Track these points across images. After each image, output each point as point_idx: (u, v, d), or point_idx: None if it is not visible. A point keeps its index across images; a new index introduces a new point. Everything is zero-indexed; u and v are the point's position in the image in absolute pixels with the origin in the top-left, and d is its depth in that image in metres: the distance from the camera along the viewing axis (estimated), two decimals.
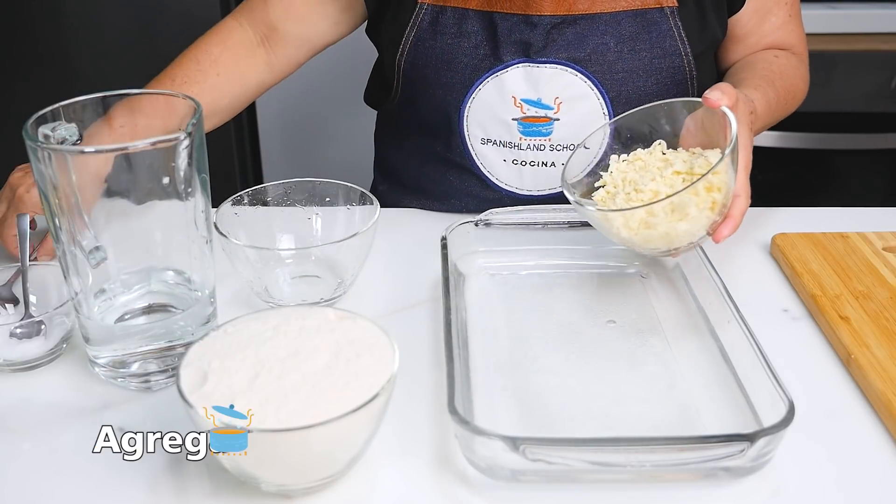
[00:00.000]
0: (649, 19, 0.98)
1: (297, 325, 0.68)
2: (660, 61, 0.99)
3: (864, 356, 0.76)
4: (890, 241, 0.94)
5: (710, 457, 0.63)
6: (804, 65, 1.12)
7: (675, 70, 1.00)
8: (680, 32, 0.99)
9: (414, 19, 1.01)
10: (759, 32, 1.09)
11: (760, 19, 1.08)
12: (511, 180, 1.03)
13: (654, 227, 0.77)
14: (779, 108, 1.02)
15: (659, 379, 0.76)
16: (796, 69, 1.08)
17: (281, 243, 0.91)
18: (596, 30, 0.98)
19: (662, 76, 0.99)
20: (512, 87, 0.98)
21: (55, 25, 1.88)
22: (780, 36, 1.09)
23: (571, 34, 0.98)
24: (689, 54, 1.00)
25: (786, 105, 1.04)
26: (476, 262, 0.91)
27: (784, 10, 1.09)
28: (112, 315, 0.76)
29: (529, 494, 0.65)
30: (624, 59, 0.98)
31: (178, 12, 1.86)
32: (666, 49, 0.99)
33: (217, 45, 1.09)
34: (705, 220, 0.78)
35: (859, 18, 1.79)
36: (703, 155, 0.82)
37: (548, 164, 1.01)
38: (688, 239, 0.79)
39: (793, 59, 1.09)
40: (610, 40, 0.98)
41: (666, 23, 0.98)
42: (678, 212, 0.77)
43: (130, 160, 0.68)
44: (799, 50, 1.12)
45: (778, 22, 1.09)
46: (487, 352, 0.79)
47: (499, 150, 1.01)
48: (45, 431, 0.71)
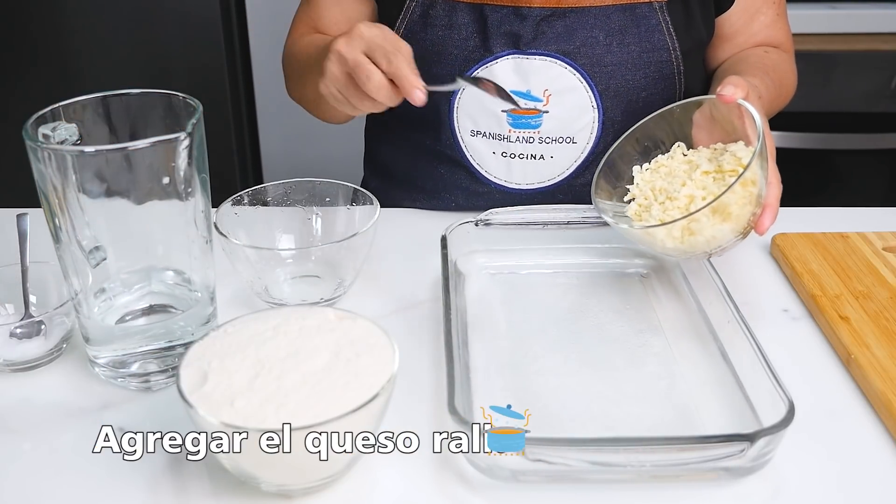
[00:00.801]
0: (638, 14, 0.99)
1: (297, 325, 0.68)
2: (648, 55, 0.99)
3: (864, 356, 0.76)
4: (890, 241, 0.94)
5: (710, 457, 0.63)
6: (792, 62, 1.13)
7: (663, 65, 1.00)
8: (668, 27, 0.99)
9: (405, 12, 1.02)
10: (748, 31, 1.09)
11: (749, 18, 1.09)
12: (500, 173, 1.03)
13: (699, 233, 0.77)
14: (776, 98, 1.03)
15: (659, 379, 0.76)
16: (787, 64, 1.10)
17: (281, 243, 0.91)
18: (585, 23, 0.98)
19: (650, 70, 1.00)
20: (502, 78, 0.98)
21: (55, 25, 1.88)
22: (769, 34, 1.10)
23: (561, 27, 0.98)
24: (676, 49, 1.00)
25: (779, 97, 1.05)
26: (476, 261, 0.91)
27: (772, 10, 1.10)
28: (112, 315, 0.76)
29: (529, 494, 0.65)
30: (612, 52, 0.98)
31: (178, 12, 1.86)
32: (654, 43, 0.99)
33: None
34: (748, 214, 0.77)
35: (859, 18, 1.79)
36: (728, 150, 0.82)
37: (536, 156, 1.01)
38: (731, 236, 0.78)
39: (783, 56, 1.10)
40: (599, 33, 0.98)
41: (655, 17, 0.99)
42: (720, 213, 0.76)
43: (130, 160, 0.68)
44: (787, 48, 1.13)
45: (766, 21, 1.09)
46: (487, 352, 0.79)
47: (488, 142, 1.02)
48: (45, 431, 0.71)
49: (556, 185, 1.03)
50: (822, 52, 1.77)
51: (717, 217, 0.76)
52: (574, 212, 0.91)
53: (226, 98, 1.95)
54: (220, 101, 1.94)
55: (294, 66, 1.10)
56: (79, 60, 1.91)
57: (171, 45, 1.90)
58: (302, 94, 1.10)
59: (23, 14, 1.87)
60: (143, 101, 0.76)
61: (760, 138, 0.76)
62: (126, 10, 1.86)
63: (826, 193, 1.93)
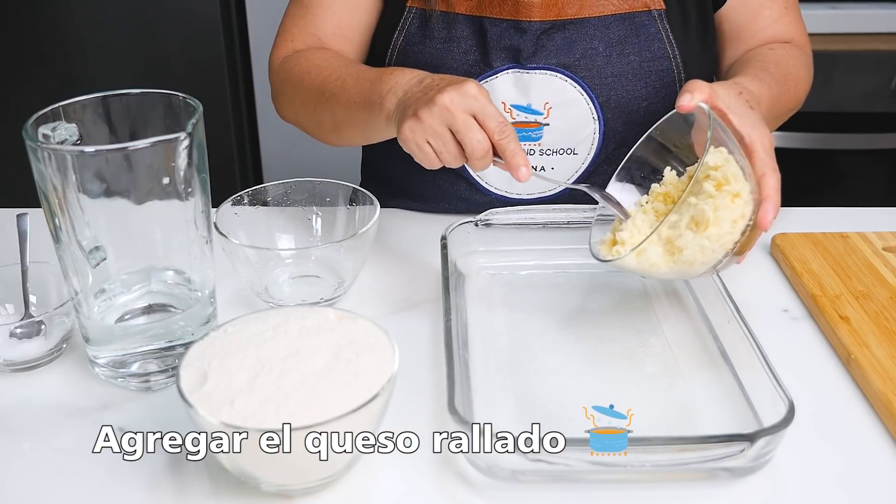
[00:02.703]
0: (637, 23, 0.98)
1: (297, 325, 0.68)
2: (648, 65, 0.98)
3: (864, 356, 0.76)
4: (890, 241, 0.94)
5: (710, 457, 0.63)
6: (806, 55, 1.08)
7: (664, 73, 0.99)
8: (668, 35, 0.99)
9: (402, 23, 1.01)
10: (753, 27, 1.07)
11: (752, 14, 1.06)
12: (501, 184, 1.03)
13: (687, 247, 0.74)
14: (780, 89, 0.98)
15: (659, 379, 0.76)
16: (796, 58, 1.05)
17: (281, 243, 0.91)
18: (584, 34, 0.98)
19: (651, 79, 0.99)
20: (502, 92, 0.98)
21: (55, 25, 1.88)
22: (778, 30, 1.08)
23: (560, 39, 0.97)
24: (677, 57, 0.99)
25: (786, 91, 1.00)
26: (476, 262, 0.91)
27: (779, 3, 1.07)
28: (112, 315, 0.76)
29: (529, 494, 0.65)
30: (612, 63, 0.98)
31: (178, 12, 1.86)
32: (654, 52, 0.98)
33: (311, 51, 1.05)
34: (735, 214, 0.74)
35: (859, 18, 1.80)
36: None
37: (537, 168, 1.00)
38: (730, 238, 0.74)
39: (792, 50, 1.06)
40: (598, 45, 0.97)
41: (654, 26, 0.98)
42: (700, 223, 0.74)
43: (130, 160, 0.68)
44: (800, 42, 1.09)
45: (773, 15, 1.07)
46: (487, 352, 0.79)
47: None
48: (45, 431, 0.71)
49: (556, 194, 1.02)
50: (822, 52, 1.77)
51: (699, 227, 0.74)
52: (574, 212, 0.91)
53: (226, 98, 1.95)
54: (220, 101, 1.94)
55: (304, 87, 1.01)
56: (79, 60, 1.91)
57: (171, 45, 1.90)
58: (311, 118, 1.03)
59: (23, 14, 1.87)
60: (143, 101, 0.76)
61: (711, 127, 0.74)
62: (126, 10, 1.86)
63: (826, 193, 1.93)
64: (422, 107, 0.80)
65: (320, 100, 0.98)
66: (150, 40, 1.89)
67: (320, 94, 0.98)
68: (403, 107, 0.84)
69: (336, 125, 0.99)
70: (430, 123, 0.80)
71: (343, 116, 0.95)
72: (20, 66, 1.92)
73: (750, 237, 0.76)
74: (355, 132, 0.97)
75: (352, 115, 0.94)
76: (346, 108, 0.94)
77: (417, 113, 0.80)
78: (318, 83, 0.98)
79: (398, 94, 0.86)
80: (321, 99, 0.98)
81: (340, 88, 0.95)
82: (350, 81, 0.94)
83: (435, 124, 0.80)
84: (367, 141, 1.00)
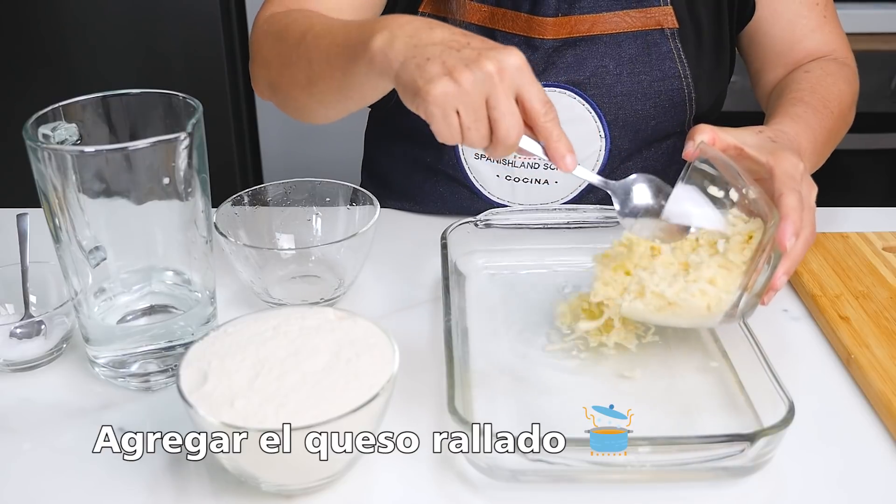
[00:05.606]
0: (650, 41, 0.97)
1: (297, 325, 0.68)
2: (659, 84, 0.98)
3: (864, 356, 0.76)
4: (890, 241, 0.94)
5: (710, 457, 0.63)
6: (847, 67, 1.03)
7: (674, 93, 0.98)
8: (680, 54, 0.98)
9: None
10: (790, 39, 1.03)
11: (788, 24, 1.02)
12: (503, 194, 1.02)
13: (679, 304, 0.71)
14: (818, 117, 0.92)
15: (659, 379, 0.76)
16: (834, 75, 0.99)
17: (281, 243, 0.91)
18: (596, 52, 0.97)
19: (661, 99, 0.98)
20: None
21: (55, 25, 1.88)
22: (819, 41, 1.03)
23: (571, 57, 0.97)
24: (688, 77, 0.98)
25: (827, 113, 0.93)
26: (476, 262, 0.91)
27: (816, 12, 1.02)
28: (112, 315, 0.76)
29: (529, 494, 0.65)
30: (623, 81, 0.97)
31: (178, 12, 1.86)
32: (665, 71, 0.98)
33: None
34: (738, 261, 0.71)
35: (859, 18, 1.79)
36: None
37: (541, 181, 1.00)
38: (733, 287, 0.70)
39: (829, 66, 1.01)
40: (609, 63, 0.97)
41: (666, 44, 0.98)
42: (692, 270, 0.72)
43: (130, 160, 0.68)
44: (841, 53, 1.04)
45: (811, 25, 1.02)
46: (487, 352, 0.79)
47: (493, 166, 1.01)
48: (45, 431, 0.71)
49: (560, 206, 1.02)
50: None
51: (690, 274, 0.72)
52: (574, 213, 0.91)
53: (226, 98, 1.95)
54: (220, 101, 1.94)
55: (285, 37, 0.87)
56: (79, 60, 1.91)
57: (171, 44, 1.90)
58: (284, 73, 0.88)
59: (24, 14, 1.87)
60: (143, 101, 0.76)
61: (686, 170, 0.71)
62: (126, 10, 1.86)
63: (826, 193, 1.93)
64: (460, 67, 0.64)
65: (300, 47, 0.83)
66: (150, 40, 1.89)
67: (301, 41, 0.83)
68: (414, 56, 0.67)
69: (310, 78, 0.83)
70: (469, 91, 0.64)
71: (320, 67, 0.81)
72: (20, 66, 1.92)
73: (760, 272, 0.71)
74: (330, 86, 0.81)
75: (330, 64, 0.79)
76: (325, 54, 0.79)
77: (454, 73, 0.64)
78: (302, 30, 0.84)
79: (394, 35, 0.69)
80: (300, 45, 0.83)
81: (325, 33, 0.81)
82: (337, 26, 0.80)
83: (475, 94, 0.65)
84: (338, 103, 0.83)
